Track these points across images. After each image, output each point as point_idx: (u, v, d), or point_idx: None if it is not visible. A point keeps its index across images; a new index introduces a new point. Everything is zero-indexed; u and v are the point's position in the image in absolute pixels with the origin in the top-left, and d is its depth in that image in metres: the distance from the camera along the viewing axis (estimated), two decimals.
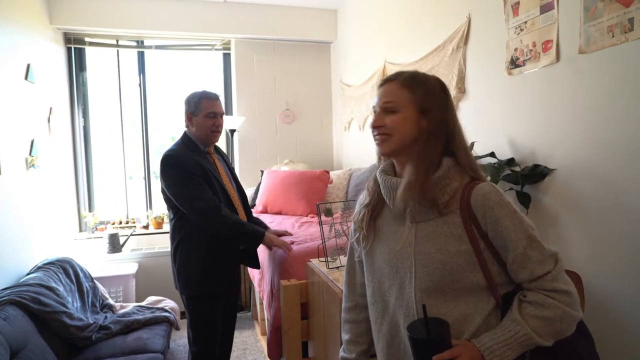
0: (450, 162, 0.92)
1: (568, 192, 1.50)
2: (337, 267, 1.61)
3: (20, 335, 1.88)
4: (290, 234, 2.22)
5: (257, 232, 1.88)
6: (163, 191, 1.85)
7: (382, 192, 0.99)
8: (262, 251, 2.14)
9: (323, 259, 1.72)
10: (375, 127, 0.95)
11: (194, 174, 1.76)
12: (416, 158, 0.92)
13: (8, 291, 2.07)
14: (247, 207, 2.05)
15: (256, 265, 2.07)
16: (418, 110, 0.92)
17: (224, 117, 1.99)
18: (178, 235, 1.83)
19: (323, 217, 1.77)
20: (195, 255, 1.81)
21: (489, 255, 0.89)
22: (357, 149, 3.52)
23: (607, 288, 1.38)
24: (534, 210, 1.62)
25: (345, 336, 1.12)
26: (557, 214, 1.54)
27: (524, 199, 1.61)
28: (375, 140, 0.97)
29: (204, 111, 1.85)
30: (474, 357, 0.84)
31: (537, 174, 1.59)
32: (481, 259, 0.88)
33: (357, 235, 1.05)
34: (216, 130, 1.87)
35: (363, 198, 1.06)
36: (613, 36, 1.29)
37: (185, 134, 1.91)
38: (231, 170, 2.06)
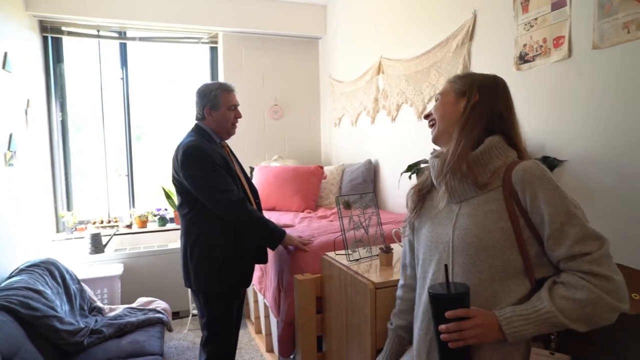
0: (494, 141, 0.94)
1: (579, 183, 1.56)
2: (357, 260, 1.60)
3: (11, 341, 1.75)
4: (292, 225, 2.23)
5: (279, 231, 1.86)
6: (178, 183, 1.77)
7: (431, 173, 1.04)
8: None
9: (339, 252, 1.70)
10: (425, 117, 1.09)
11: (219, 165, 1.70)
12: (455, 135, 0.98)
13: None
14: (258, 202, 2.00)
15: (264, 260, 2.02)
16: (456, 94, 1.01)
17: None
18: (196, 231, 1.76)
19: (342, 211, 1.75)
20: (216, 253, 1.74)
21: (529, 235, 0.88)
22: (348, 145, 3.52)
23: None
24: None
25: (393, 309, 1.22)
26: None
27: None
28: None
29: (226, 104, 1.82)
30: (489, 323, 0.83)
31: (546, 165, 1.63)
32: (519, 237, 0.87)
33: (410, 214, 1.10)
34: (236, 122, 1.88)
35: (419, 180, 1.12)
36: (629, 32, 1.35)
37: (198, 125, 1.84)
38: (240, 164, 2.02)
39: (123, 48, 3.50)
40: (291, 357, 1.99)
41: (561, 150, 1.62)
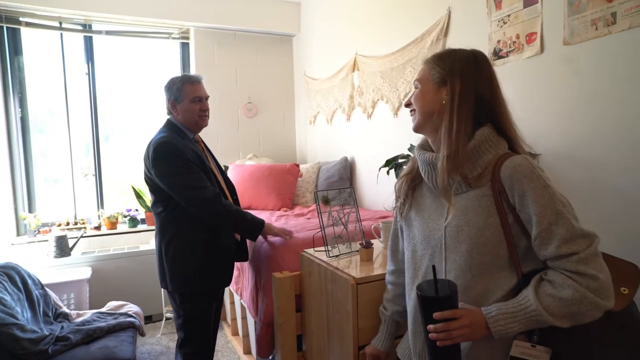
0: (485, 134, 0.90)
1: (551, 176, 1.59)
2: (337, 256, 1.58)
3: None
4: (291, 238, 2.02)
5: (257, 221, 1.81)
6: (150, 181, 1.69)
7: (420, 168, 1.01)
8: None
9: (319, 248, 1.67)
10: (405, 105, 1.04)
11: (191, 161, 1.64)
12: (443, 131, 0.92)
13: None
14: (236, 199, 1.95)
15: (244, 256, 1.97)
16: (435, 83, 0.95)
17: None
18: (170, 229, 1.69)
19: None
20: (192, 251, 1.68)
21: (518, 230, 0.88)
22: (323, 143, 3.51)
23: None
24: None
25: (385, 295, 1.22)
26: None
27: None
28: None
29: (189, 96, 1.74)
30: (476, 322, 0.84)
31: None
32: (508, 233, 0.87)
33: (397, 203, 1.09)
34: (204, 114, 1.78)
35: (406, 169, 1.09)
36: (597, 29, 1.40)
37: (169, 121, 1.77)
38: (215, 160, 1.96)
39: (89, 42, 3.34)
40: (270, 357, 1.95)
41: (535, 144, 1.64)
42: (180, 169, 1.62)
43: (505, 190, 0.87)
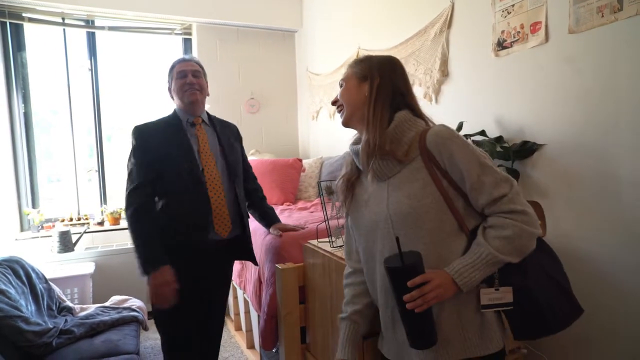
0: (402, 115, 1.01)
1: (557, 165, 1.59)
2: (341, 246, 1.58)
3: None
4: (303, 228, 1.94)
5: (149, 261, 1.52)
6: None
7: (355, 160, 1.10)
8: None
9: (322, 239, 1.67)
10: (332, 103, 1.13)
11: (146, 149, 1.58)
12: (366, 119, 1.03)
13: None
14: (254, 188, 1.90)
15: (246, 257, 1.82)
16: (358, 79, 1.06)
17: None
18: None
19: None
20: None
21: (453, 192, 0.96)
22: (326, 138, 3.50)
23: (595, 252, 1.48)
24: (523, 184, 1.70)
25: (344, 301, 1.19)
26: (546, 187, 1.63)
27: (513, 176, 1.68)
28: None
29: (175, 76, 1.67)
30: (444, 281, 0.91)
31: (526, 149, 1.67)
32: (446, 196, 0.95)
33: (340, 203, 1.15)
34: (189, 88, 1.63)
35: (342, 171, 1.16)
36: (603, 16, 1.39)
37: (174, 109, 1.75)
38: (230, 144, 1.77)
39: (91, 37, 3.35)
40: (274, 350, 1.95)
41: (540, 134, 1.65)
42: (130, 157, 1.60)
43: (435, 156, 0.96)
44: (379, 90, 1.03)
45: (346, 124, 1.10)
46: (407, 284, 0.88)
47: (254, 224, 1.98)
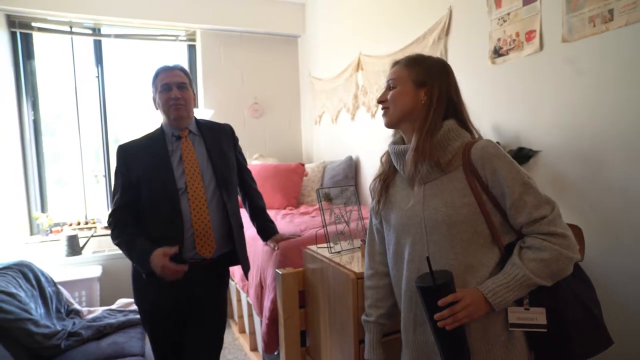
0: (450, 125, 1.01)
1: (552, 172, 1.61)
2: (339, 252, 1.61)
3: None
4: (299, 236, 1.96)
5: (143, 257, 1.49)
6: None
7: (393, 160, 1.09)
8: (248, 244, 2.07)
9: (321, 245, 1.71)
10: (379, 102, 1.10)
11: (127, 169, 1.58)
12: (418, 125, 1.02)
13: None
14: (253, 194, 1.90)
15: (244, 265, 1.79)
16: (415, 84, 1.04)
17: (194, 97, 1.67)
18: None
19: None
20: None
21: (491, 207, 0.96)
22: (328, 142, 3.54)
23: (587, 257, 1.50)
24: None
25: (366, 302, 1.20)
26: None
27: None
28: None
29: (158, 87, 1.57)
30: (477, 300, 0.92)
31: (522, 156, 1.69)
32: (484, 209, 0.95)
33: (372, 204, 1.15)
34: (174, 103, 1.54)
35: (377, 171, 1.16)
36: (594, 26, 1.41)
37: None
38: (220, 152, 1.69)
39: (98, 45, 3.42)
40: (276, 353, 1.98)
41: (535, 141, 1.67)
42: (114, 182, 1.62)
43: (477, 170, 0.96)
44: (439, 101, 1.02)
45: (392, 125, 1.09)
46: (438, 303, 0.89)
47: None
